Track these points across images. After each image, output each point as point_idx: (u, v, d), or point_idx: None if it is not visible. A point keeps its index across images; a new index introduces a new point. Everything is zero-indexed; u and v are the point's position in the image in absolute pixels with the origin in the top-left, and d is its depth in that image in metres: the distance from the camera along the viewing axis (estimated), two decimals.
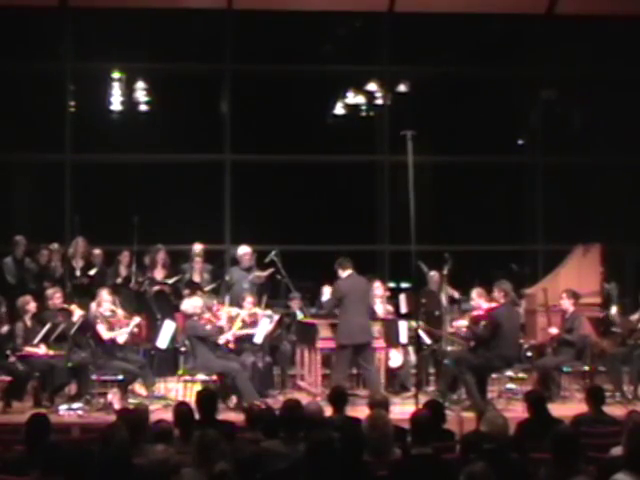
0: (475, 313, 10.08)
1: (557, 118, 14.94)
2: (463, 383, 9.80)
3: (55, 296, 10.27)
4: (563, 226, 13.78)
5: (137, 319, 10.31)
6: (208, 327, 10.07)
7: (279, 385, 11.01)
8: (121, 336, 10.03)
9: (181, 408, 6.54)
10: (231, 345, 10.34)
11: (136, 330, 10.43)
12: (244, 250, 11.96)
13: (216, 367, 9.90)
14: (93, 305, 10.21)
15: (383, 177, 14.32)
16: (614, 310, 11.38)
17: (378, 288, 11.18)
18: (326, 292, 11.21)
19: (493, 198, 14.29)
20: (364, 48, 14.39)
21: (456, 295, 11.36)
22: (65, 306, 10.17)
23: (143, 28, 13.39)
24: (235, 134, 13.91)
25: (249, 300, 10.82)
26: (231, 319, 10.47)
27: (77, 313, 10.02)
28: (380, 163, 14.36)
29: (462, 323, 10.27)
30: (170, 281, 11.79)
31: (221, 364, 9.90)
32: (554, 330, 10.55)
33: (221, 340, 10.18)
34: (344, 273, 10.10)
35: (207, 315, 10.18)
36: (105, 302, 10.10)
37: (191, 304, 10.18)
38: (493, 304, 9.98)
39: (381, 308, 11.02)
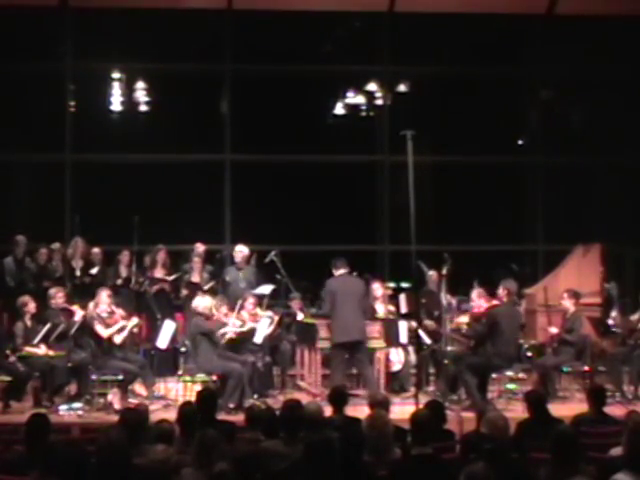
0: (476, 310, 10.10)
1: (557, 118, 14.94)
2: (463, 383, 9.79)
3: (57, 295, 10.26)
4: (563, 226, 13.78)
5: (135, 320, 10.31)
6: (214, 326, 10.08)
7: (279, 385, 11.01)
8: (118, 336, 10.02)
9: (186, 407, 6.53)
10: (232, 335, 10.35)
11: (136, 331, 10.45)
12: (238, 249, 11.96)
13: (216, 367, 9.90)
14: (91, 305, 10.18)
15: (383, 177, 14.32)
16: (615, 312, 11.38)
17: (378, 289, 11.17)
18: None
19: (493, 198, 14.27)
20: (364, 48, 14.40)
21: (453, 302, 11.27)
22: (67, 306, 10.16)
23: (143, 28, 13.41)
24: (235, 134, 13.92)
25: (250, 301, 10.82)
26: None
27: (79, 313, 10.02)
28: (380, 163, 14.37)
29: (463, 320, 10.29)
30: (170, 278, 11.79)
31: (221, 364, 9.89)
32: (554, 330, 10.55)
33: (221, 331, 10.16)
34: (337, 272, 10.15)
35: (215, 316, 10.19)
36: (103, 304, 10.08)
37: (202, 302, 10.15)
38: (494, 302, 10.01)
39: (382, 308, 11.02)
